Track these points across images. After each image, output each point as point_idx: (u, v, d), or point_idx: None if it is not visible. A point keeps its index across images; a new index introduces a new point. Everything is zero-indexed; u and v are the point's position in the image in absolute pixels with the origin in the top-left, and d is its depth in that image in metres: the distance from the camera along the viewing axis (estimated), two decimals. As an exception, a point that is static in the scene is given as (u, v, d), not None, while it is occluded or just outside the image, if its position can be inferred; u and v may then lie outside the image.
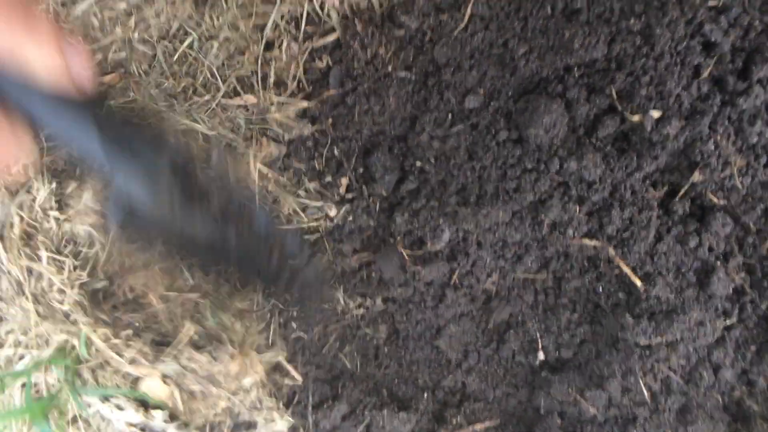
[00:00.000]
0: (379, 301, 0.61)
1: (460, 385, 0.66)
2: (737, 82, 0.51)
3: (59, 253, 0.44)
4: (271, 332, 0.61)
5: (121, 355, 0.44)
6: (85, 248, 0.45)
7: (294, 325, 0.61)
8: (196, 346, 0.47)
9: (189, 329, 0.46)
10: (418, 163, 0.56)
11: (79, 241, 0.45)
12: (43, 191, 0.44)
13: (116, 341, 0.44)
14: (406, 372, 0.66)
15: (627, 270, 0.58)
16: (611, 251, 0.57)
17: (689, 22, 0.50)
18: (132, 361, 0.46)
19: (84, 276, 0.44)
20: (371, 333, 0.65)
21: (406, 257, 0.59)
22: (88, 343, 0.43)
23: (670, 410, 0.59)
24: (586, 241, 0.58)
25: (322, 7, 0.55)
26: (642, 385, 0.59)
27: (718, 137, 0.51)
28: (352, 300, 0.61)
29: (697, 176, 0.54)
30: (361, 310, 0.63)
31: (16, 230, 0.43)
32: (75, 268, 0.45)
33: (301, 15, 0.54)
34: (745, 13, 0.51)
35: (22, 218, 0.44)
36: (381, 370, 0.66)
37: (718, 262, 0.57)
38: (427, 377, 0.66)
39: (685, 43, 0.50)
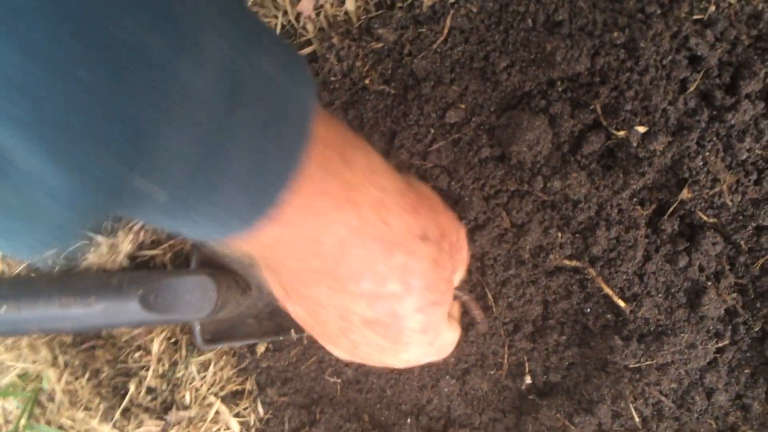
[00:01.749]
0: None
1: (445, 409, 0.63)
2: (725, 97, 0.49)
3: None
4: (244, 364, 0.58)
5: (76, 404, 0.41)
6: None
7: (266, 347, 0.59)
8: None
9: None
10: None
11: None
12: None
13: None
14: (390, 394, 0.64)
15: (609, 291, 0.56)
16: (592, 272, 0.55)
17: (674, 35, 0.49)
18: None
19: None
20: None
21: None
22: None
23: (661, 437, 0.57)
24: (568, 263, 0.56)
25: (297, 19, 0.53)
26: (632, 410, 0.57)
27: (707, 153, 0.50)
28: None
29: (685, 193, 0.52)
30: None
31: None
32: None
33: (275, 26, 0.53)
34: (732, 26, 0.50)
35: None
36: (363, 394, 0.64)
37: (709, 283, 0.55)
38: (410, 401, 0.64)
39: (670, 57, 0.48)
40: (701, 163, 0.50)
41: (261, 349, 0.55)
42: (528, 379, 0.62)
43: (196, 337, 0.46)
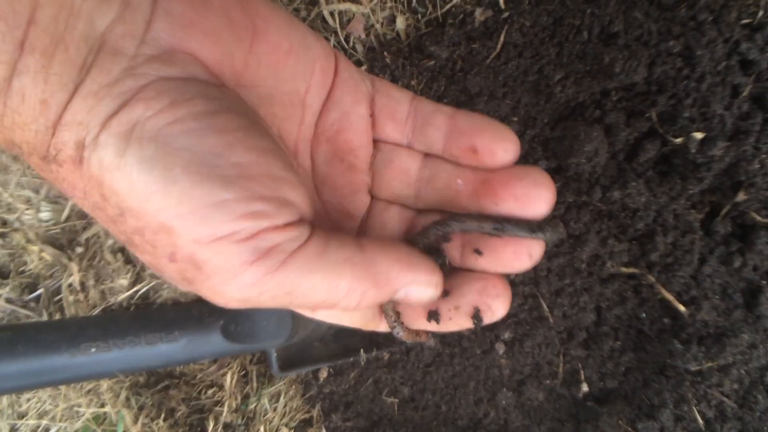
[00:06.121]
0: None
1: (503, 422, 0.63)
2: (778, 100, 0.50)
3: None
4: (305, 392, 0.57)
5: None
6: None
7: (327, 372, 0.58)
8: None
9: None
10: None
11: None
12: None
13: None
14: (445, 410, 0.63)
15: (669, 296, 0.56)
16: (651, 278, 0.56)
17: (726, 41, 0.49)
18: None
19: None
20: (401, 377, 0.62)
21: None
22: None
23: (726, 438, 0.57)
24: (626, 270, 0.56)
25: (347, 40, 0.53)
26: (696, 412, 0.57)
27: (763, 156, 0.50)
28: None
29: (741, 195, 0.52)
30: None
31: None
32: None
33: (326, 50, 0.52)
34: (780, 29, 0.50)
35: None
36: (419, 412, 0.63)
37: (764, 282, 0.56)
38: (467, 416, 0.63)
39: (724, 62, 0.49)
40: (758, 165, 0.50)
41: (323, 374, 0.54)
42: (585, 387, 0.62)
43: (272, 364, 0.45)
